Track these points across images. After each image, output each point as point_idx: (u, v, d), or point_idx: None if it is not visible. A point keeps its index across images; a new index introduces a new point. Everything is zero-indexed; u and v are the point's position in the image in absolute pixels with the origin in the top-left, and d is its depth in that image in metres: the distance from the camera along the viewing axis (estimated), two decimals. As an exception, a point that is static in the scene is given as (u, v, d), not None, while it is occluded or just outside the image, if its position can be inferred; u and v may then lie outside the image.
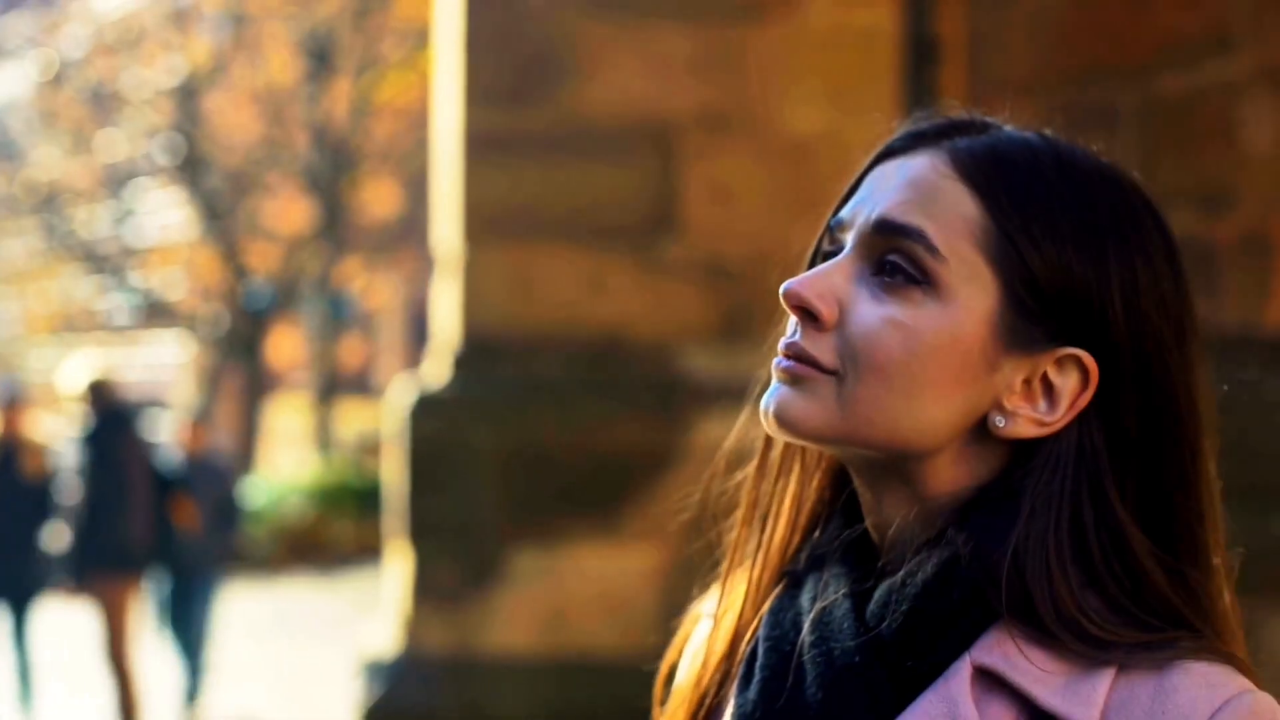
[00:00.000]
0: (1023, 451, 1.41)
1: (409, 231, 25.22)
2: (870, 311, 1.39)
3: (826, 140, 6.54)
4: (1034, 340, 1.39)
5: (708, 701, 1.52)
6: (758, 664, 1.45)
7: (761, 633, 1.47)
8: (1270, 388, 5.19)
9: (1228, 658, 1.36)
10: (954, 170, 1.41)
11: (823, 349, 1.40)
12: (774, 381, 1.43)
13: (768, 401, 1.42)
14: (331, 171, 24.40)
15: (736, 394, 1.64)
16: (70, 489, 10.47)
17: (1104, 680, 1.33)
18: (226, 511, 11.98)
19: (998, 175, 1.40)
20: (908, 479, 1.42)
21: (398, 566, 7.17)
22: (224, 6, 25.26)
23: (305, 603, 17.18)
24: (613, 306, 6.83)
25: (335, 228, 24.82)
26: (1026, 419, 1.39)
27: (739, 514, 1.56)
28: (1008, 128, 1.46)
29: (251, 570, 18.88)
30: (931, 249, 1.38)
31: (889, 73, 6.65)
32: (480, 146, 6.96)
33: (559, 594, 6.68)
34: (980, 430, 1.41)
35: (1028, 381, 1.40)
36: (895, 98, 6.55)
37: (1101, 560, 1.37)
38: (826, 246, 1.47)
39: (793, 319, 1.43)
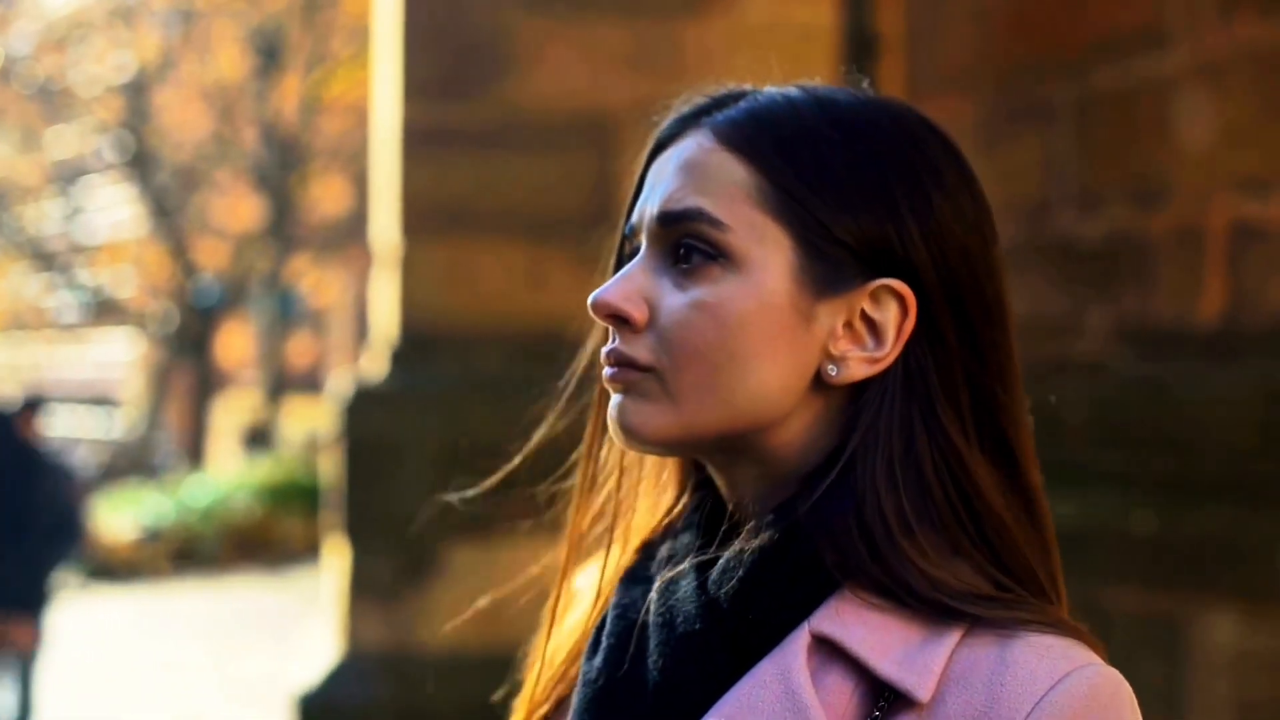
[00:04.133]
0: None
1: (358, 228, 25.09)
2: (676, 301, 1.39)
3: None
4: (841, 281, 1.38)
5: (570, 675, 1.53)
6: (605, 632, 1.45)
7: (613, 601, 1.47)
8: (1202, 381, 5.20)
9: (1074, 630, 1.35)
10: (717, 143, 1.41)
11: (639, 349, 1.40)
12: (612, 394, 1.43)
13: (610, 417, 1.42)
14: (281, 168, 24.33)
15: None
16: None
17: (944, 649, 1.32)
18: (61, 526, 9.42)
19: (758, 135, 1.40)
20: (759, 453, 1.41)
21: (336, 562, 7.14)
22: (173, 3, 25.15)
23: (253, 601, 17.11)
24: (551, 300, 6.81)
25: (284, 225, 24.75)
26: (857, 360, 1.38)
27: (612, 493, 1.55)
28: (768, 88, 1.46)
29: (199, 568, 18.82)
30: (714, 222, 1.38)
31: (828, 68, 6.64)
32: (418, 140, 6.94)
33: (497, 589, 6.65)
34: (819, 385, 1.40)
35: (849, 324, 1.39)
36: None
37: (941, 495, 1.36)
38: (627, 253, 1.47)
39: (610, 329, 1.43)
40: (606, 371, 1.43)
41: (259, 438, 25.30)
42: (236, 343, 29.03)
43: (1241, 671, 4.82)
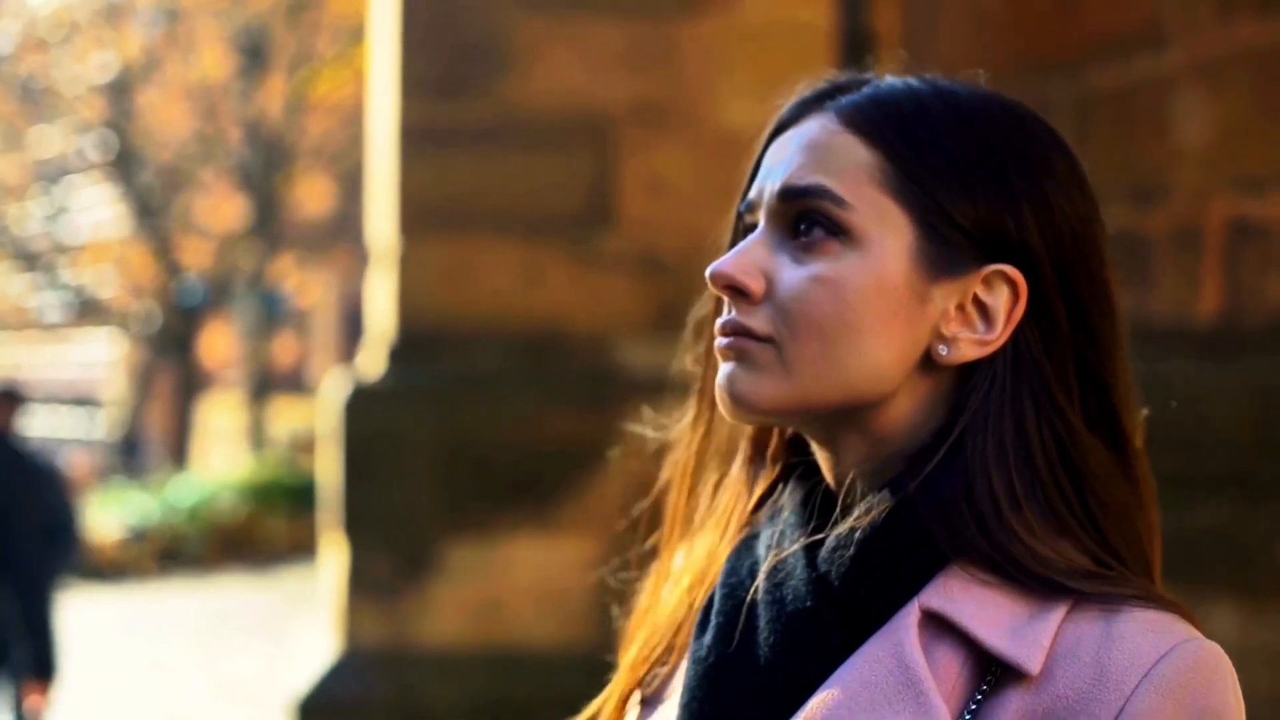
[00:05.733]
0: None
1: (343, 229, 25.12)
2: (794, 274, 1.42)
3: (760, 134, 6.57)
4: (956, 265, 1.42)
5: (672, 655, 1.55)
6: (714, 610, 1.48)
7: (719, 580, 1.50)
8: (1200, 378, 5.23)
9: (1174, 605, 1.39)
10: (841, 125, 1.45)
11: (756, 320, 1.43)
12: (721, 364, 1.46)
13: (719, 386, 1.45)
14: (265, 168, 24.28)
15: (672, 387, 1.67)
16: None
17: (1052, 623, 1.35)
18: (55, 537, 8.29)
19: (882, 119, 1.44)
20: (865, 429, 1.45)
21: (333, 560, 7.15)
22: (157, 2, 25.10)
23: (239, 600, 17.10)
24: (548, 299, 6.84)
25: (269, 225, 24.71)
26: (967, 342, 1.42)
27: (696, 476, 1.59)
28: (889, 77, 1.50)
29: (185, 568, 18.81)
30: (837, 200, 1.42)
31: (824, 66, 6.66)
32: (415, 139, 6.95)
33: (494, 586, 6.68)
34: (928, 364, 1.43)
35: (961, 306, 1.42)
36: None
37: (1049, 475, 1.40)
38: (741, 229, 1.51)
39: (726, 301, 1.46)
40: (720, 341, 1.45)
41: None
42: (220, 343, 28.96)
43: (1241, 666, 4.84)
